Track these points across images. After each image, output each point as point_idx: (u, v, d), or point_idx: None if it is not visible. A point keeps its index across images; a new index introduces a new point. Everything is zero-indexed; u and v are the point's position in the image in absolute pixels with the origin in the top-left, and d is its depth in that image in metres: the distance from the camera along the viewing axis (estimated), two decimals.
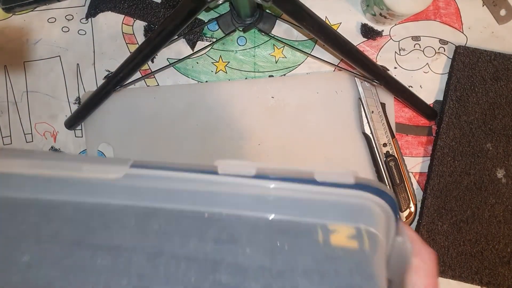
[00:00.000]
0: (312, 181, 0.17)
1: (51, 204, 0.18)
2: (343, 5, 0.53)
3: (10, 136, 0.55)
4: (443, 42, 0.53)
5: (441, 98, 0.52)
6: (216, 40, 0.53)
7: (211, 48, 0.53)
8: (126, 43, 0.54)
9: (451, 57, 0.52)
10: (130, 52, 0.54)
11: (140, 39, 0.54)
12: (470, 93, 0.50)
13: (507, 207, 0.49)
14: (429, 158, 0.52)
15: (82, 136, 0.54)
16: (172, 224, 0.17)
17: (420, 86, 0.53)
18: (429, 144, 0.52)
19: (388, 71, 0.52)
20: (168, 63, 0.53)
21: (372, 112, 0.50)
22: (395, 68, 0.53)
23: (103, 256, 0.17)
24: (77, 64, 0.54)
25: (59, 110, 0.54)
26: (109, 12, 0.54)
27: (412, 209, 0.50)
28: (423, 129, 0.53)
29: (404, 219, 0.50)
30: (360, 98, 0.50)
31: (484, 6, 0.53)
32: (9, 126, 0.55)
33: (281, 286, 0.16)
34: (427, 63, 0.53)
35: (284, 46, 0.53)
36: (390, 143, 0.50)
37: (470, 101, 0.50)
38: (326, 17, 0.53)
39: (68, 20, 0.54)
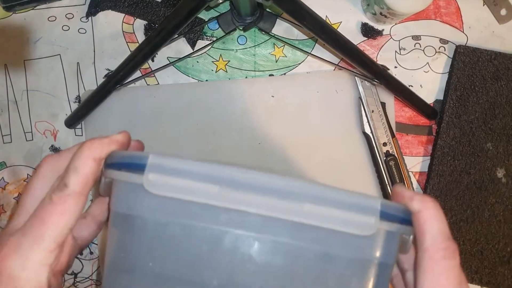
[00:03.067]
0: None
1: None
2: (344, 4, 0.53)
3: (10, 134, 0.55)
4: (443, 41, 0.53)
5: (441, 98, 0.52)
6: (217, 39, 0.53)
7: (211, 47, 0.53)
8: (127, 42, 0.54)
9: (452, 56, 0.52)
10: (131, 51, 0.54)
11: (141, 38, 0.54)
12: (471, 93, 0.50)
13: (507, 207, 0.49)
14: (429, 157, 0.52)
15: (82, 135, 0.54)
16: None
17: (420, 85, 0.53)
18: (429, 143, 0.52)
19: (388, 71, 0.52)
20: (168, 62, 0.53)
21: (372, 111, 0.50)
22: (396, 67, 0.53)
23: None
24: (77, 63, 0.54)
25: (59, 109, 0.54)
26: (110, 10, 0.54)
27: None
28: (423, 129, 0.53)
29: None
30: (360, 97, 0.50)
31: (485, 5, 0.52)
32: (9, 124, 0.55)
33: None
34: (428, 63, 0.53)
35: (284, 45, 0.53)
36: (390, 143, 0.50)
37: (470, 100, 0.50)
38: (326, 16, 0.53)
39: (69, 18, 0.54)
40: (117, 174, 0.22)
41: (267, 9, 0.52)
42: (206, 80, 0.54)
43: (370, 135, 0.50)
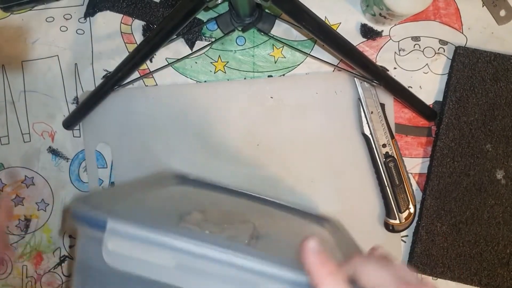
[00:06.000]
0: None
1: None
2: (343, 5, 0.53)
3: (8, 136, 0.54)
4: (442, 42, 0.53)
5: (440, 99, 0.52)
6: (215, 40, 0.53)
7: (210, 47, 0.53)
8: (125, 43, 0.54)
9: (451, 57, 0.52)
10: (129, 52, 0.54)
11: (139, 38, 0.54)
12: (470, 94, 0.50)
13: (506, 208, 0.49)
14: (428, 159, 0.52)
15: (80, 136, 0.54)
16: None
17: (420, 86, 0.52)
18: (428, 145, 0.52)
19: (387, 72, 0.52)
20: (167, 63, 0.53)
21: (372, 112, 0.50)
22: (395, 68, 0.53)
23: None
24: (75, 63, 0.54)
25: (57, 110, 0.54)
26: (108, 11, 0.54)
27: (412, 210, 0.50)
28: (422, 130, 0.53)
29: (404, 220, 0.50)
30: (359, 99, 0.50)
31: (484, 6, 0.52)
32: (7, 126, 0.54)
33: None
34: (427, 64, 0.53)
35: (283, 46, 0.53)
36: (389, 144, 0.50)
37: (469, 102, 0.50)
38: (325, 17, 0.53)
39: (67, 19, 0.54)
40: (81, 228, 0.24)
41: (266, 10, 0.51)
42: (205, 81, 0.53)
43: (370, 136, 0.50)
